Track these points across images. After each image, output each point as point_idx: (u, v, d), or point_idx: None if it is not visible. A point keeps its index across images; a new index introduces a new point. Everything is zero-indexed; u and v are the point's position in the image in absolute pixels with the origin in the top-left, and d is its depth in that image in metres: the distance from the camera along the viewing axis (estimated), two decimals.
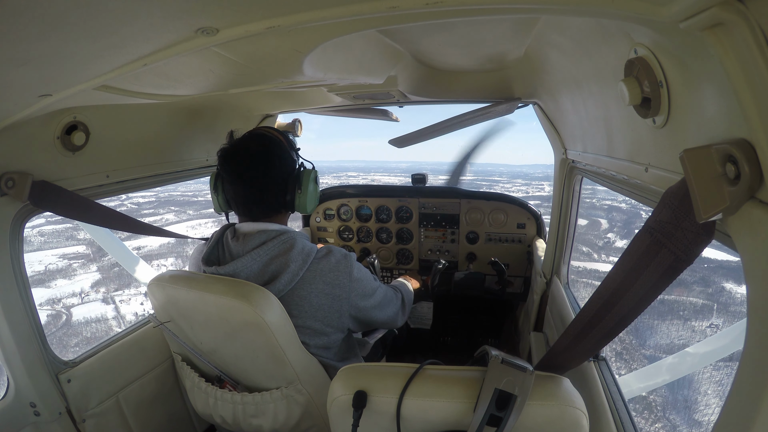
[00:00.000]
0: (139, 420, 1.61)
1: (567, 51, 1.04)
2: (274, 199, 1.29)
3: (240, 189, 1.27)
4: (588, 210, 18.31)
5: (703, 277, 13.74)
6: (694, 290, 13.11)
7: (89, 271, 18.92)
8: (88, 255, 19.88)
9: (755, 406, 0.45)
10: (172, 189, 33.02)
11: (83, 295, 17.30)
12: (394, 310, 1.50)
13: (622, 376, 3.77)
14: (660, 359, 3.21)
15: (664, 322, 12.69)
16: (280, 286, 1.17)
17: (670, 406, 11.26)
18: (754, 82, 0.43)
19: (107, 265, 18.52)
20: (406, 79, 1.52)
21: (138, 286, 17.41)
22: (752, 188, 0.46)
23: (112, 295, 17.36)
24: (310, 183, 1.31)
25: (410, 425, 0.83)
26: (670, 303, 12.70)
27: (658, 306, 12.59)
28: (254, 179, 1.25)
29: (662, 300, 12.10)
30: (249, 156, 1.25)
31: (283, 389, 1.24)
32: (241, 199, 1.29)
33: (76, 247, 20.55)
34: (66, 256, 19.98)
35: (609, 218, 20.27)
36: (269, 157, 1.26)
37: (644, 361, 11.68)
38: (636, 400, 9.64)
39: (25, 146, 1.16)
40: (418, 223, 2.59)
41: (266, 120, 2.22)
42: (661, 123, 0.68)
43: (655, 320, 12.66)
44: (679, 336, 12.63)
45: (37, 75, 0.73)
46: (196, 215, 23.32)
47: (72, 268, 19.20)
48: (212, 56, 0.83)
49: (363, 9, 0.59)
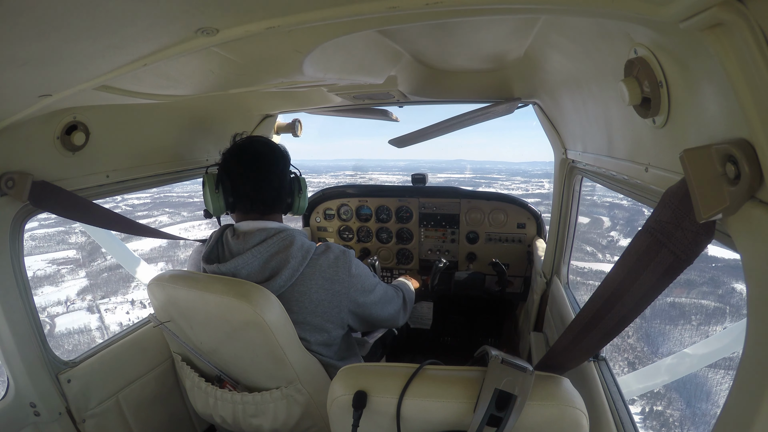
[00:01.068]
0: (139, 420, 1.61)
1: (567, 51, 1.04)
2: (279, 197, 1.34)
3: (248, 185, 1.30)
4: (590, 208, 18.05)
5: (712, 278, 13.40)
6: (708, 294, 12.81)
7: (77, 277, 18.50)
8: (78, 260, 19.53)
9: (755, 406, 0.45)
10: (168, 190, 32.88)
11: (68, 303, 16.85)
12: (395, 308, 1.50)
13: (622, 376, 3.77)
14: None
15: (676, 327, 12.37)
16: (281, 282, 1.19)
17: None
18: (754, 82, 0.43)
19: (96, 270, 18.24)
20: (406, 79, 1.52)
21: (125, 293, 17.17)
22: (752, 188, 0.46)
23: (98, 303, 16.81)
24: (305, 187, 1.43)
25: (410, 425, 0.83)
26: (681, 306, 12.41)
27: (669, 310, 12.29)
28: (269, 176, 1.31)
29: (673, 303, 11.85)
30: (259, 155, 1.32)
31: (283, 389, 1.24)
32: (248, 196, 1.31)
33: (64, 252, 20.17)
34: (55, 261, 19.61)
35: (611, 215, 20.01)
36: (277, 159, 1.34)
37: None
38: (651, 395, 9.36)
39: (25, 146, 1.16)
40: (418, 223, 2.59)
41: (266, 120, 2.21)
42: (661, 123, 0.68)
43: (667, 325, 12.33)
44: (692, 343, 12.20)
45: (37, 75, 0.73)
46: (190, 217, 23.13)
47: (60, 274, 18.79)
48: (212, 56, 0.83)
49: (363, 9, 0.59)
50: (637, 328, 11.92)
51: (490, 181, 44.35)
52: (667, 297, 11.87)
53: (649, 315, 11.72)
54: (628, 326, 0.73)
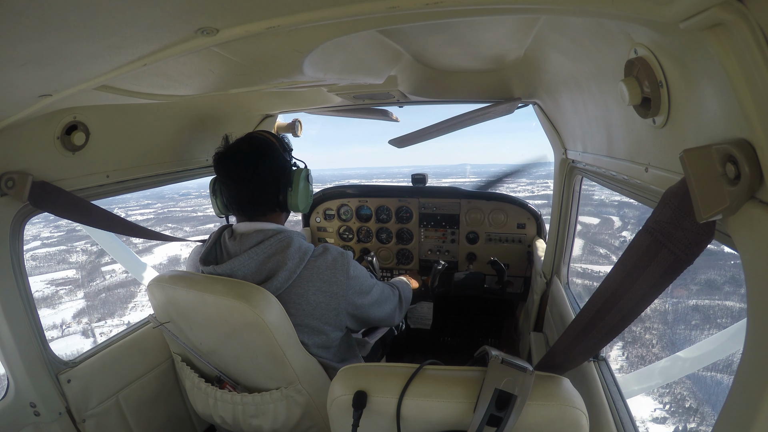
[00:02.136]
0: (139, 420, 1.60)
1: (567, 51, 1.04)
2: (266, 197, 1.31)
3: (234, 189, 1.30)
4: (598, 208, 17.70)
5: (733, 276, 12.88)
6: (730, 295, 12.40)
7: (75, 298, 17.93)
8: (77, 280, 19.03)
9: (755, 406, 0.45)
10: (172, 205, 32.37)
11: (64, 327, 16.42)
12: (391, 307, 1.50)
13: (622, 376, 3.77)
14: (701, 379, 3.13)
15: (703, 333, 11.90)
16: (278, 283, 1.18)
17: None
18: (754, 82, 0.43)
19: (93, 292, 17.78)
20: (406, 79, 1.52)
21: (122, 316, 16.79)
22: (752, 188, 0.46)
23: (94, 326, 16.23)
24: (301, 181, 1.34)
25: (410, 425, 0.83)
26: (704, 309, 11.95)
27: (692, 314, 11.79)
28: (246, 179, 1.28)
29: (695, 306, 11.44)
30: (241, 157, 1.29)
31: (283, 389, 1.24)
32: (235, 200, 1.31)
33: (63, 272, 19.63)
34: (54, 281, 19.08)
35: (621, 214, 19.66)
36: (259, 158, 1.29)
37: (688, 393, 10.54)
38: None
39: (25, 146, 1.16)
40: (418, 223, 2.59)
41: (266, 120, 2.21)
42: (661, 123, 0.68)
43: (692, 331, 11.87)
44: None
45: (37, 75, 0.73)
46: (193, 232, 22.87)
47: (58, 295, 18.29)
48: (212, 56, 0.83)
49: (363, 9, 0.59)
50: (660, 336, 11.50)
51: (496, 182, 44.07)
52: (690, 300, 11.36)
53: (672, 321, 11.29)
54: (643, 331, 0.72)
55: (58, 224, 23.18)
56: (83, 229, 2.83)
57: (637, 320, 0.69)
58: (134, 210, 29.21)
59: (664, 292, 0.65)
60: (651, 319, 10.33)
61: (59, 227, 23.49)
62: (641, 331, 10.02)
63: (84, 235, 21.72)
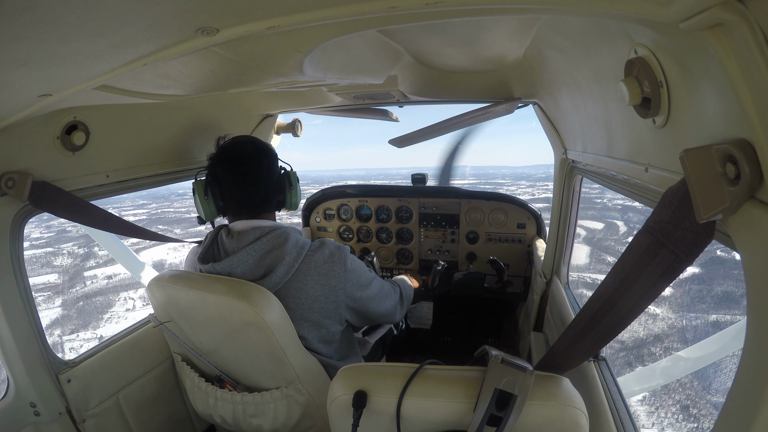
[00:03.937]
0: (139, 420, 1.61)
1: (567, 51, 1.04)
2: (269, 197, 1.34)
3: (235, 189, 1.30)
4: (602, 211, 17.56)
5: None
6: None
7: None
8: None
9: (755, 406, 0.45)
10: (167, 206, 32.19)
11: None
12: (392, 303, 1.51)
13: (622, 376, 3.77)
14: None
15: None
16: (276, 278, 1.19)
17: None
18: (754, 82, 0.43)
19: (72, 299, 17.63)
20: (406, 79, 1.52)
21: (97, 328, 16.58)
22: (752, 188, 0.46)
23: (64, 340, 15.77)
24: (296, 182, 1.42)
25: (410, 425, 0.83)
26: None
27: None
28: (251, 179, 1.30)
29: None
30: (246, 157, 1.31)
31: (283, 389, 1.24)
32: (236, 199, 1.31)
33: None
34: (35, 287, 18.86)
35: (625, 219, 19.51)
36: (263, 159, 1.33)
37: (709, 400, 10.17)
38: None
39: (25, 146, 1.16)
40: (418, 223, 2.59)
41: (266, 120, 2.21)
42: (661, 123, 0.68)
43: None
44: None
45: (37, 75, 0.73)
46: (183, 234, 22.89)
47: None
48: (212, 56, 0.83)
49: (363, 9, 0.59)
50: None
51: (496, 186, 44.18)
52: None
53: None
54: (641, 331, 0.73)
55: (49, 224, 23.09)
56: (76, 230, 2.84)
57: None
58: (128, 210, 29.05)
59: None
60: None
61: (50, 228, 23.40)
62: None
63: (74, 236, 21.01)
